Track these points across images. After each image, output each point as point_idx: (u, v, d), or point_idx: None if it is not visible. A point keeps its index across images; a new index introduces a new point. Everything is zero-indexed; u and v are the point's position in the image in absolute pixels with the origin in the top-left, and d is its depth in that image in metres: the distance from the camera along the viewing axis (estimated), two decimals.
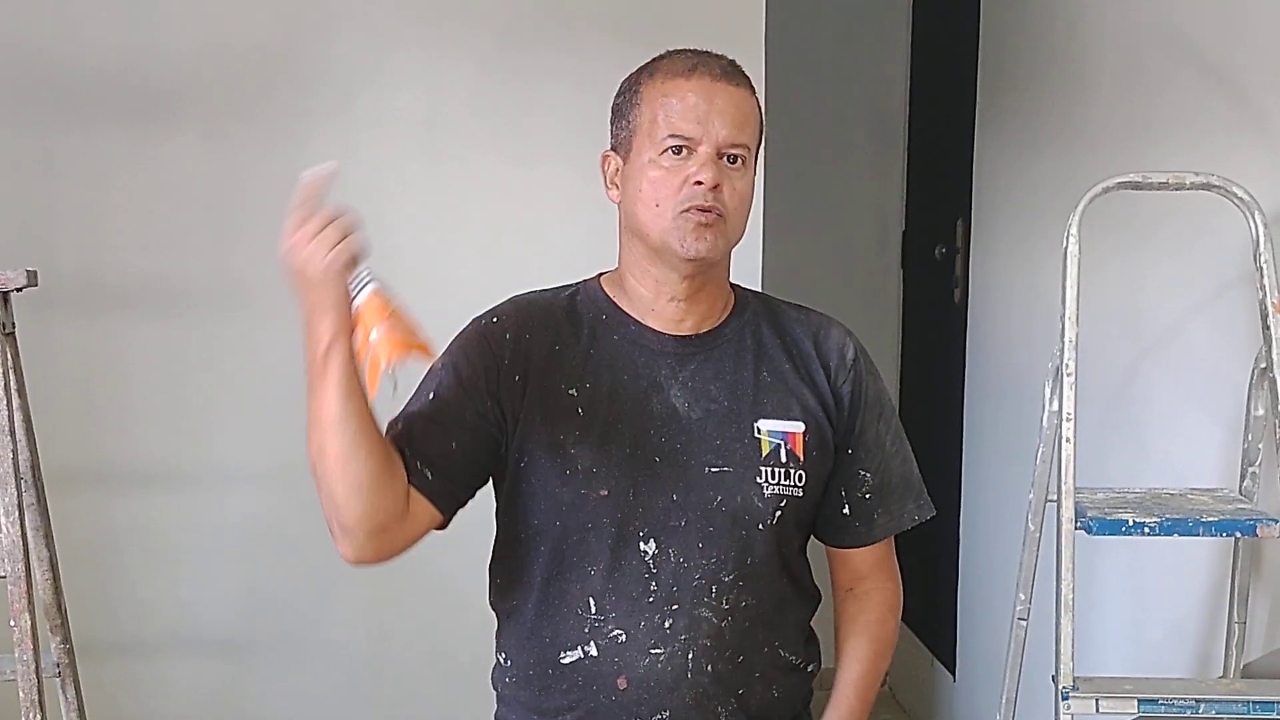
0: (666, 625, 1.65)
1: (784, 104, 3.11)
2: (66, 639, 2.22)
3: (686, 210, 1.61)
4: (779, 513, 1.68)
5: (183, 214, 2.70)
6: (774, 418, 1.69)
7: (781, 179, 3.08)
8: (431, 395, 1.69)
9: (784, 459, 1.68)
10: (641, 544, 1.65)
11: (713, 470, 1.66)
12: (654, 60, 1.70)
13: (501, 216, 2.78)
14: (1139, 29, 2.65)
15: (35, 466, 2.14)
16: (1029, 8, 3.18)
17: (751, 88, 1.69)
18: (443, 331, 1.80)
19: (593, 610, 1.66)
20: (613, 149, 1.72)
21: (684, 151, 1.62)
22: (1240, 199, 2.10)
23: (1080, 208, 2.13)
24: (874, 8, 4.25)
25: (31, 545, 2.11)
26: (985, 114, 3.45)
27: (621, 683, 1.65)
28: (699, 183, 1.60)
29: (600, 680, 1.66)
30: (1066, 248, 2.13)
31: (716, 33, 2.69)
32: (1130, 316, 2.63)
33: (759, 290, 1.85)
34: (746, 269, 2.67)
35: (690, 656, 1.65)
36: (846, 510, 1.77)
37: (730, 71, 1.67)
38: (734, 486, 1.66)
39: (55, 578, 2.18)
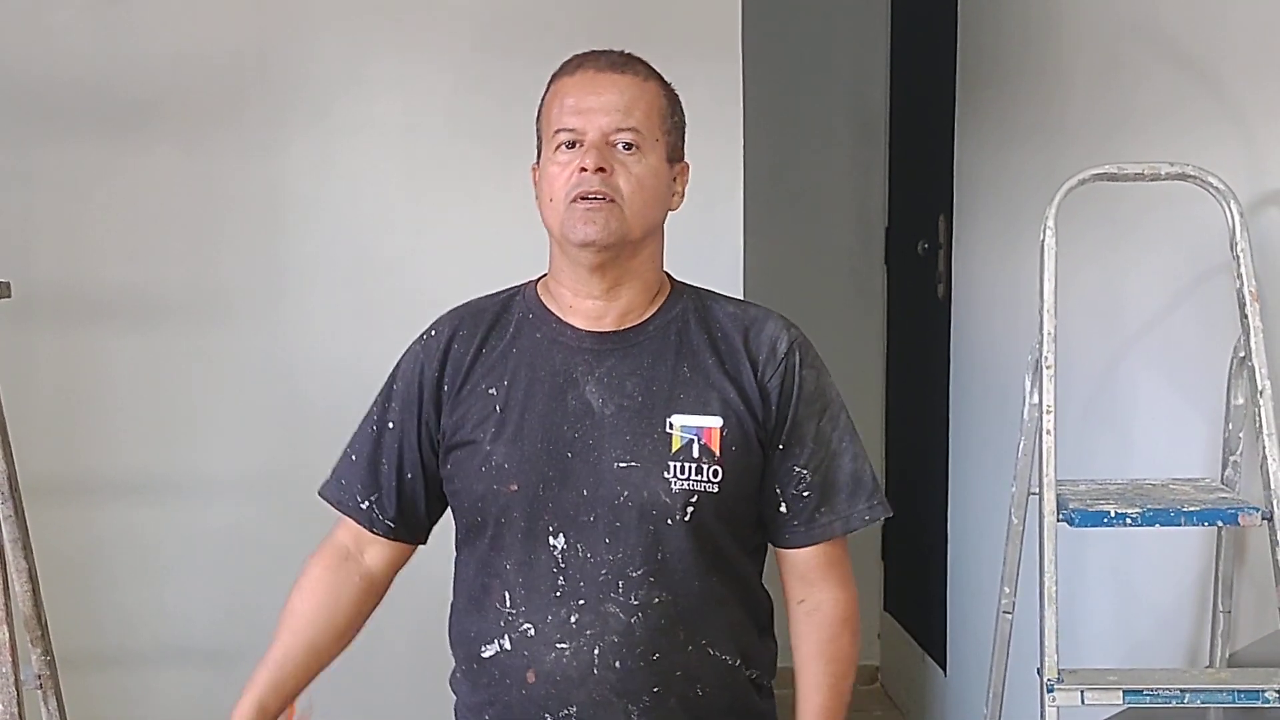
0: (573, 620, 1.65)
1: (764, 102, 3.11)
2: (47, 650, 2.21)
3: (574, 199, 1.64)
4: (690, 508, 1.66)
5: (162, 223, 2.69)
6: (689, 413, 1.68)
7: (763, 177, 3.08)
8: (392, 425, 1.77)
9: (696, 454, 1.67)
10: (551, 538, 1.66)
11: (620, 465, 1.66)
12: (557, 69, 1.75)
13: (479, 221, 2.77)
14: (1116, 23, 2.66)
15: (12, 478, 2.13)
16: (1007, 3, 3.18)
17: (649, 75, 1.71)
18: None
19: (508, 604, 1.68)
20: (536, 161, 1.76)
21: (575, 146, 1.66)
22: (1216, 188, 2.10)
23: (1056, 200, 2.14)
24: (853, 5, 4.25)
25: (10, 557, 2.10)
26: (965, 109, 3.45)
27: (530, 676, 1.66)
28: (584, 169, 1.63)
29: (512, 674, 1.67)
30: (1044, 240, 2.13)
31: (693, 35, 2.71)
32: (1112, 309, 2.64)
33: (701, 286, 1.83)
34: (727, 267, 2.67)
35: (596, 652, 1.64)
36: (783, 508, 1.74)
37: (619, 62, 1.70)
38: (640, 482, 1.65)
39: (35, 589, 2.17)
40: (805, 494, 1.73)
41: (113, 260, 2.69)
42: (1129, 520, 2.08)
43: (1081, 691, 2.06)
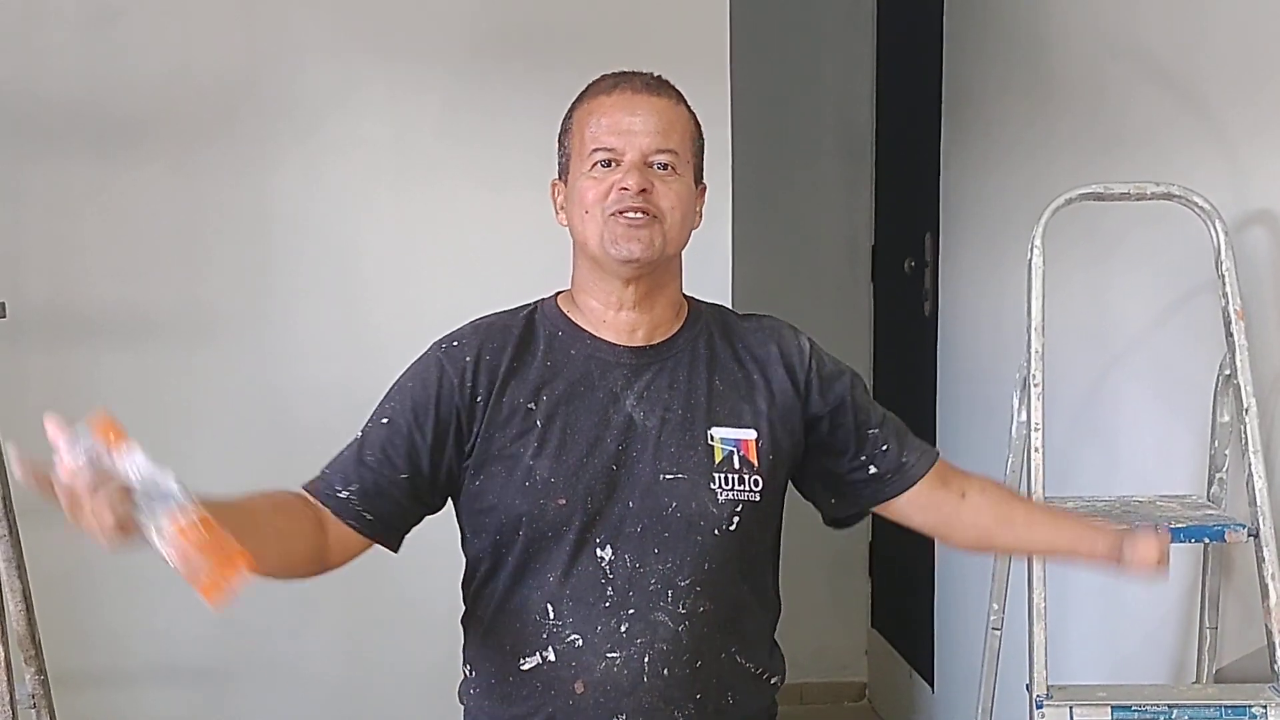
0: (623, 629, 1.66)
1: (751, 121, 3.12)
2: (41, 669, 2.21)
3: (614, 214, 1.66)
4: (736, 518, 1.70)
5: (152, 242, 2.70)
6: (726, 425, 1.72)
7: (751, 195, 3.10)
8: (386, 420, 1.72)
9: (737, 465, 1.71)
10: (598, 550, 1.68)
11: (667, 477, 1.69)
12: (586, 87, 1.76)
13: (468, 240, 2.78)
14: (1102, 44, 2.68)
15: (6, 498, 2.13)
16: (993, 23, 3.21)
17: (680, 99, 1.74)
18: (410, 355, 1.81)
19: (550, 616, 1.68)
20: (559, 176, 1.78)
21: (612, 164, 1.68)
22: (1201, 208, 2.12)
23: (1043, 219, 2.16)
24: (839, 25, 4.28)
25: (4, 576, 2.11)
26: (951, 128, 3.48)
27: (579, 686, 1.66)
28: (625, 188, 1.66)
29: (558, 684, 1.67)
30: (1031, 259, 2.15)
31: (682, 51, 2.72)
32: (1098, 327, 2.65)
33: (713, 302, 1.88)
34: (716, 284, 2.69)
35: (646, 660, 1.66)
36: (874, 470, 1.80)
37: (654, 84, 1.73)
38: (688, 493, 1.69)
39: (29, 608, 2.17)
40: (886, 449, 1.81)
41: (103, 278, 2.69)
42: None
43: (1070, 708, 2.07)
